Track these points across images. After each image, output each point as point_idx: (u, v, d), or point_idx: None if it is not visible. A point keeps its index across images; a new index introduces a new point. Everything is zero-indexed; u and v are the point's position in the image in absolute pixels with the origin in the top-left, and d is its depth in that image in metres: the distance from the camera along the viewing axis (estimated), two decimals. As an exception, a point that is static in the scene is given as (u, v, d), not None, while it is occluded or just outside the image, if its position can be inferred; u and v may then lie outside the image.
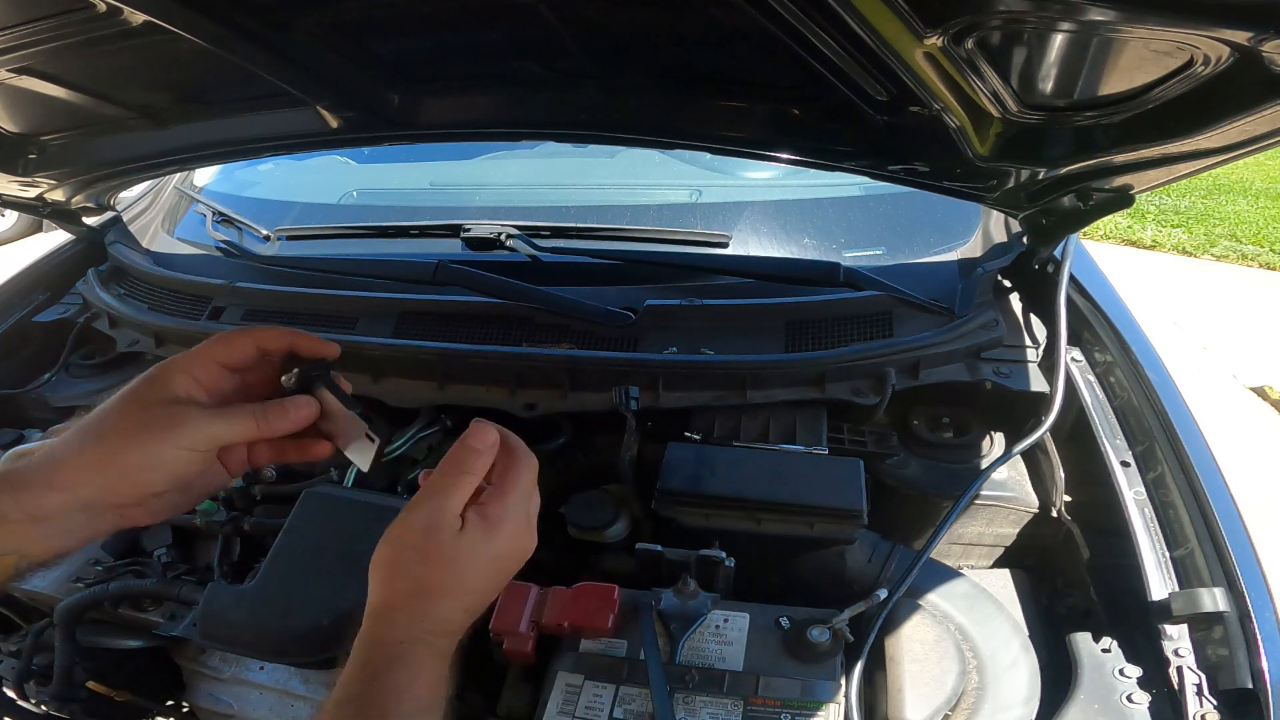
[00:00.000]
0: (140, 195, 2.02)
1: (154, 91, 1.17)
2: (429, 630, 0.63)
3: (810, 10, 0.74)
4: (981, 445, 1.27)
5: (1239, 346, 4.35)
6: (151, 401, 0.65)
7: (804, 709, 0.85)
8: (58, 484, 0.62)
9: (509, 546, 0.67)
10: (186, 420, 0.64)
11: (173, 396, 0.65)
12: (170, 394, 0.65)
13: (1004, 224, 1.51)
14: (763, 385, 1.22)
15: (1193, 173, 0.95)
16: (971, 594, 1.03)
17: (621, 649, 0.93)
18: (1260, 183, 8.41)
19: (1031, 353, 1.29)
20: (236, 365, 0.70)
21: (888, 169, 1.12)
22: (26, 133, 1.28)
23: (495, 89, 1.12)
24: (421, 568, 0.64)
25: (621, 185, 1.72)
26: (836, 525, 1.05)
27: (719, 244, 1.45)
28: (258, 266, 1.57)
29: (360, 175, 1.91)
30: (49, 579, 1.17)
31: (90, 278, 1.65)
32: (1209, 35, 0.65)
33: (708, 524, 1.07)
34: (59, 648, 1.10)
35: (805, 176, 1.59)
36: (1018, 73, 0.81)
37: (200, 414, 0.65)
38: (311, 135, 1.22)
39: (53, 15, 0.90)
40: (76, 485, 0.62)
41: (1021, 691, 0.91)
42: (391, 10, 0.94)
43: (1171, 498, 1.05)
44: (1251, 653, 0.84)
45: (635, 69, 1.02)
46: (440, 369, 1.30)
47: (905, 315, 1.30)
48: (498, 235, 1.42)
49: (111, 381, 1.53)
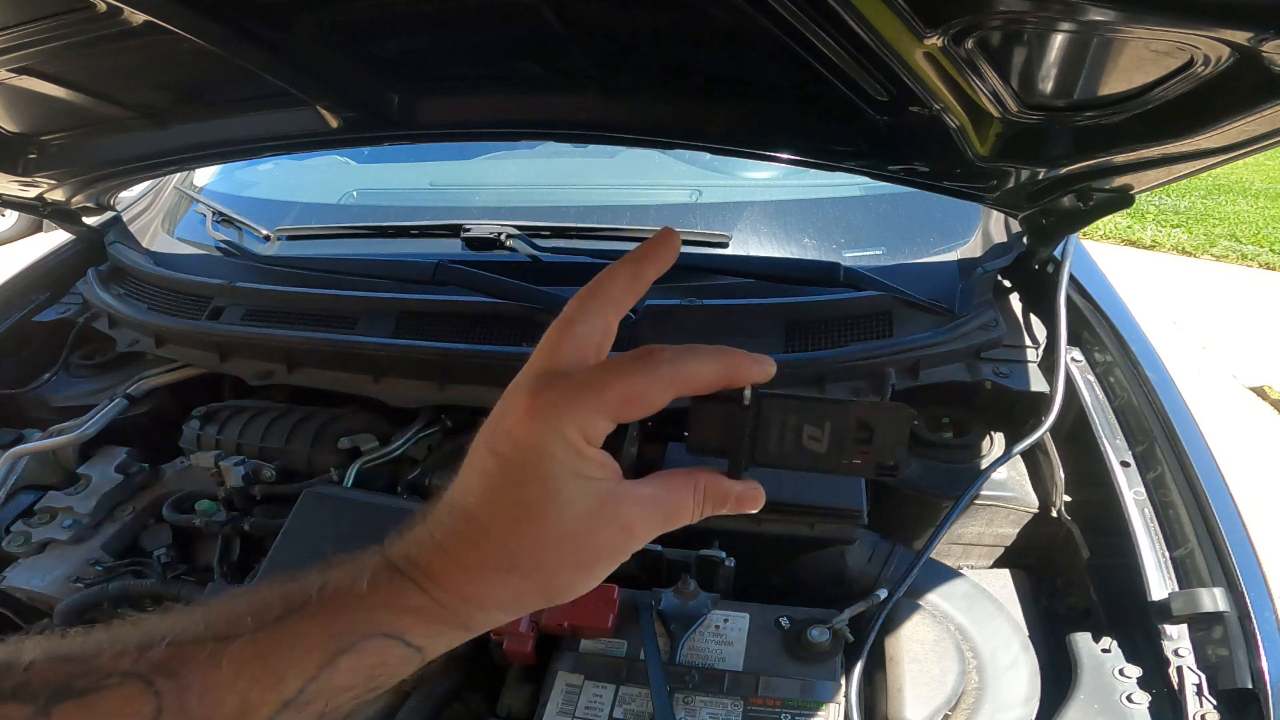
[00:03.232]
0: (140, 195, 2.02)
1: (154, 91, 1.17)
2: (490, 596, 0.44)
3: (810, 10, 0.74)
4: (981, 445, 1.27)
5: (1239, 346, 4.35)
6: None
7: (804, 709, 0.85)
8: None
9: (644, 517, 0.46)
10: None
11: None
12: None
13: (1004, 224, 1.51)
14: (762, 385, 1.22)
15: (1193, 173, 0.95)
16: (971, 594, 1.03)
17: (621, 649, 0.93)
18: (1260, 183, 8.42)
19: (1031, 353, 1.29)
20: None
21: (888, 169, 1.12)
22: (26, 133, 1.28)
23: (495, 89, 1.12)
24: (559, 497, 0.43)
25: (621, 185, 1.72)
26: (836, 525, 1.05)
27: (719, 244, 1.45)
28: (258, 266, 1.57)
29: (360, 175, 1.91)
30: (49, 579, 1.17)
31: (90, 278, 1.65)
32: (1209, 35, 0.66)
33: (708, 524, 1.07)
34: (59, 648, 1.09)
35: (805, 176, 1.59)
36: (1018, 73, 0.81)
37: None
38: (311, 135, 1.22)
39: (53, 15, 0.90)
40: None
41: (1021, 691, 0.91)
42: (391, 10, 0.94)
43: (1171, 498, 1.05)
44: (1251, 653, 0.84)
45: (635, 69, 1.02)
46: (440, 369, 1.30)
47: (905, 315, 1.30)
48: (498, 235, 1.42)
49: (111, 381, 1.53)
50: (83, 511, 1.26)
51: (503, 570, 0.43)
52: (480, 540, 0.43)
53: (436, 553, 0.43)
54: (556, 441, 0.42)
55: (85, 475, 1.33)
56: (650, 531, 0.46)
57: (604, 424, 0.44)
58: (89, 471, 1.33)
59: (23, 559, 1.21)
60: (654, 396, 0.44)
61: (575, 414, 0.42)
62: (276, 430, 1.34)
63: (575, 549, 0.44)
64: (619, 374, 0.44)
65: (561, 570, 0.44)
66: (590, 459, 0.43)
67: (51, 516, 1.26)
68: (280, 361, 1.39)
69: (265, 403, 1.44)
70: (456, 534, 0.43)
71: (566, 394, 0.43)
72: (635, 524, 0.45)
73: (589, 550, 0.44)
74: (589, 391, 0.43)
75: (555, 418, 0.42)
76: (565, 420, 0.42)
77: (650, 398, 0.44)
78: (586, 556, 0.44)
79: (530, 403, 0.43)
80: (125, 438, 1.41)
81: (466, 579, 0.43)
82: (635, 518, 0.45)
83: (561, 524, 0.43)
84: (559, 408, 0.42)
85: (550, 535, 0.42)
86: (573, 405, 0.43)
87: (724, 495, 0.52)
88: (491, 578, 0.43)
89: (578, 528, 0.43)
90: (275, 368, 1.38)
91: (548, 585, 0.44)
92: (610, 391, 0.43)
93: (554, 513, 0.42)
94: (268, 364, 1.39)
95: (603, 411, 0.43)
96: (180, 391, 1.51)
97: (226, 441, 1.34)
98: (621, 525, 0.45)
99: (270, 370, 1.38)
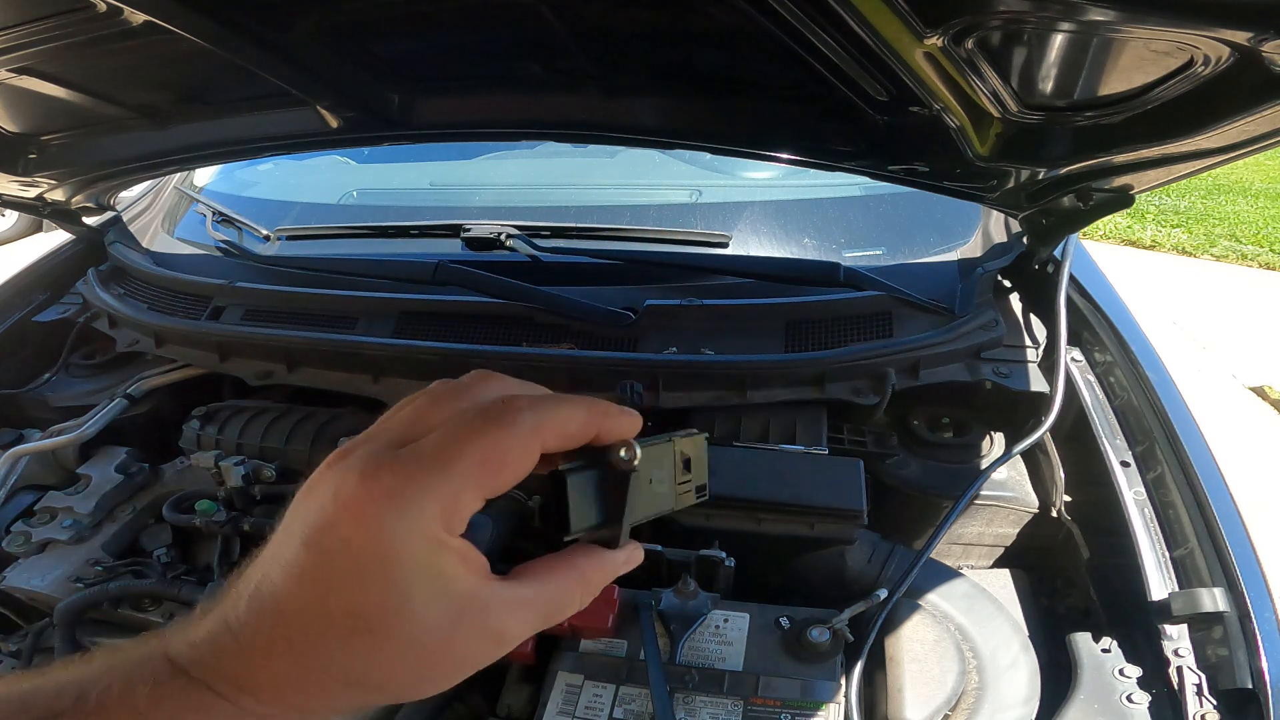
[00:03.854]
0: (140, 195, 2.02)
1: (154, 91, 1.17)
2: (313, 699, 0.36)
3: (810, 10, 0.74)
4: (981, 445, 1.27)
5: (1239, 346, 4.35)
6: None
7: (804, 709, 0.85)
8: None
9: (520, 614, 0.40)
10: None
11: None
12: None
13: (1004, 224, 1.51)
14: (763, 385, 1.22)
15: (1193, 173, 0.95)
16: (971, 594, 1.03)
17: (621, 649, 0.93)
18: (1260, 183, 8.42)
19: (1031, 353, 1.29)
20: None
21: (888, 169, 1.12)
22: (26, 133, 1.28)
23: (495, 89, 1.12)
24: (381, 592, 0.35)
25: (621, 185, 1.72)
26: (836, 525, 1.05)
27: (719, 244, 1.45)
28: (258, 266, 1.57)
29: (360, 175, 1.91)
30: (49, 579, 1.17)
31: (90, 278, 1.65)
32: (1209, 35, 0.66)
33: (708, 524, 1.07)
34: (59, 648, 1.09)
35: (805, 176, 1.59)
36: (1018, 73, 0.81)
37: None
38: (311, 135, 1.22)
39: (53, 15, 0.90)
40: None
41: (1021, 691, 0.91)
42: (392, 10, 0.94)
43: (1171, 498, 1.05)
44: (1251, 653, 0.84)
45: (635, 69, 1.02)
46: (440, 369, 1.30)
47: (905, 315, 1.30)
48: (498, 235, 1.42)
49: (111, 381, 1.53)
50: (83, 511, 1.26)
51: (338, 684, 0.35)
52: (305, 650, 0.35)
53: (242, 655, 0.35)
54: (401, 538, 0.34)
55: (85, 475, 1.32)
56: (526, 634, 0.40)
57: (468, 502, 0.36)
58: (89, 471, 1.33)
59: (23, 559, 1.21)
60: (519, 456, 0.37)
61: (424, 500, 0.35)
62: (276, 430, 1.34)
63: (431, 663, 0.36)
64: (472, 435, 0.36)
65: (414, 683, 0.37)
66: (448, 555, 0.36)
67: (51, 516, 1.26)
68: (280, 361, 1.39)
69: (265, 403, 1.44)
70: (272, 639, 0.35)
71: (411, 474, 0.35)
72: (507, 629, 0.38)
73: (449, 662, 0.37)
74: (437, 466, 0.35)
75: (399, 507, 0.34)
76: (412, 508, 0.34)
77: (515, 459, 0.37)
78: (446, 669, 0.37)
79: (363, 488, 0.34)
80: (125, 438, 1.41)
81: (292, 690, 0.35)
82: (507, 624, 0.38)
83: (412, 637, 0.35)
84: (403, 494, 0.34)
85: (396, 650, 0.35)
86: (420, 489, 0.35)
87: (611, 573, 0.45)
88: (325, 690, 0.36)
89: (433, 639, 0.36)
90: (275, 368, 1.38)
91: (398, 694, 0.38)
92: (464, 460, 0.35)
93: (401, 624, 0.35)
94: (268, 364, 1.39)
95: (461, 487, 0.35)
96: (180, 391, 1.51)
97: (226, 441, 1.34)
98: (490, 633, 0.38)
99: (270, 370, 1.38)
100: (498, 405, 0.38)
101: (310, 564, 0.35)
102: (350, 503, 0.34)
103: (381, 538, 0.34)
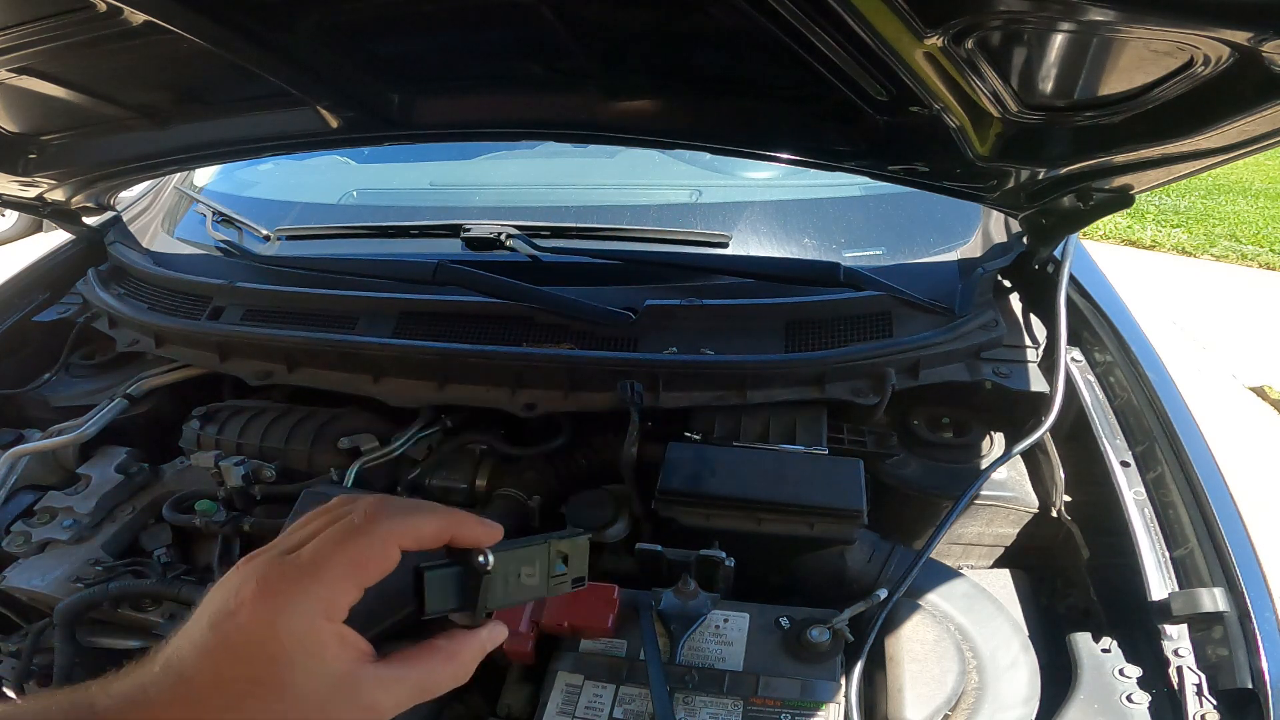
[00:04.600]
0: (140, 195, 2.02)
1: (154, 91, 1.17)
2: None
3: (810, 10, 0.74)
4: (981, 445, 1.27)
5: (1239, 346, 4.35)
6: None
7: (804, 709, 0.85)
8: None
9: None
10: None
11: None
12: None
13: (1004, 224, 1.51)
14: (763, 385, 1.22)
15: (1193, 173, 0.95)
16: (971, 594, 1.03)
17: (621, 649, 0.93)
18: (1260, 183, 8.42)
19: (1031, 353, 1.29)
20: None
21: (888, 169, 1.12)
22: (26, 133, 1.29)
23: (495, 89, 1.12)
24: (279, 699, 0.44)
25: (621, 185, 1.72)
26: (836, 525, 1.05)
27: (719, 244, 1.45)
28: (258, 266, 1.57)
29: (360, 175, 1.91)
30: (49, 579, 1.17)
31: (90, 278, 1.65)
32: (1209, 35, 0.66)
33: (708, 524, 1.07)
34: (59, 648, 1.09)
35: (805, 176, 1.59)
36: (1018, 73, 0.81)
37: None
38: (311, 135, 1.23)
39: (53, 15, 0.90)
40: None
41: (1021, 691, 0.91)
42: (392, 11, 0.94)
43: (1171, 498, 1.05)
44: (1251, 653, 0.84)
45: (635, 69, 1.02)
46: (440, 369, 1.30)
47: (905, 315, 1.30)
48: (498, 235, 1.42)
49: (111, 381, 1.53)
50: (83, 511, 1.26)
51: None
52: (201, 708, 0.43)
53: (149, 708, 0.43)
54: (285, 625, 0.44)
55: (85, 475, 1.33)
56: (399, 708, 0.48)
57: (343, 595, 0.46)
58: (89, 471, 1.33)
59: (23, 559, 1.21)
60: (379, 558, 0.47)
61: (305, 596, 0.44)
62: (276, 430, 1.34)
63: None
64: (340, 545, 0.46)
65: None
66: (327, 640, 0.45)
67: (51, 516, 1.26)
68: (280, 361, 1.39)
69: (265, 403, 1.44)
70: (175, 696, 0.43)
71: (294, 577, 0.45)
72: (381, 704, 0.47)
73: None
74: (313, 570, 0.45)
75: (285, 602, 0.44)
76: (295, 603, 0.44)
77: (379, 559, 0.47)
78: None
79: (258, 587, 0.44)
80: (125, 438, 1.41)
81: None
82: (380, 699, 0.47)
83: (293, 703, 0.44)
84: (288, 593, 0.44)
85: (279, 714, 0.44)
86: (301, 588, 0.44)
87: (478, 649, 0.54)
88: None
89: (311, 708, 0.44)
90: (275, 368, 1.38)
91: None
92: (335, 564, 0.46)
93: (283, 692, 0.44)
94: (268, 364, 1.39)
95: (334, 585, 0.45)
96: (180, 391, 1.51)
97: (226, 441, 1.34)
98: (363, 706, 0.46)
99: (270, 370, 1.38)
100: (361, 519, 0.48)
101: (213, 642, 0.44)
102: (247, 598, 0.44)
103: (270, 625, 0.43)
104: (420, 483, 1.25)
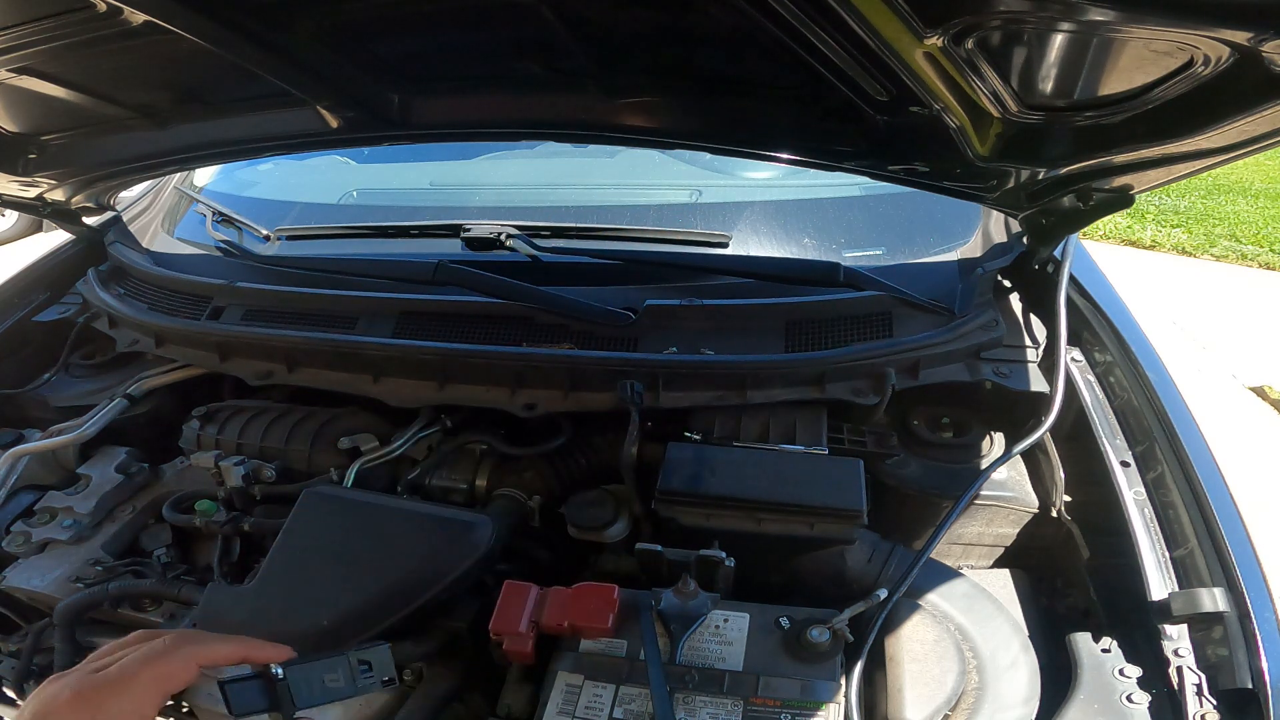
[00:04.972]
0: (140, 195, 2.02)
1: (154, 91, 1.17)
2: None
3: (810, 10, 0.74)
4: (981, 445, 1.27)
5: (1239, 346, 4.35)
6: None
7: (804, 709, 0.85)
8: None
9: None
10: None
11: None
12: None
13: (1004, 224, 1.51)
14: (763, 385, 1.22)
15: (1193, 173, 0.95)
16: (971, 594, 1.03)
17: (621, 649, 0.93)
18: (1260, 183, 8.42)
19: (1031, 353, 1.29)
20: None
21: (888, 169, 1.12)
22: (26, 133, 1.29)
23: (495, 89, 1.12)
24: None
25: (621, 185, 1.72)
26: (836, 525, 1.05)
27: (719, 244, 1.45)
28: (258, 266, 1.57)
29: (360, 175, 1.91)
30: (49, 579, 1.17)
31: (90, 278, 1.65)
32: (1209, 35, 0.66)
33: (708, 524, 1.07)
34: (59, 648, 1.10)
35: (805, 176, 1.59)
36: (1018, 73, 0.81)
37: None
38: (311, 135, 1.23)
39: (53, 15, 0.90)
40: None
41: (1021, 691, 0.91)
42: (392, 11, 0.94)
43: (1171, 498, 1.05)
44: (1251, 653, 0.84)
45: (635, 69, 1.02)
46: (440, 369, 1.30)
47: (905, 315, 1.30)
48: (498, 235, 1.42)
49: (111, 381, 1.53)
50: (83, 511, 1.26)
51: None
52: None
53: None
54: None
55: (85, 475, 1.33)
56: None
57: (150, 705, 0.57)
58: (89, 471, 1.33)
59: (23, 559, 1.21)
60: (180, 674, 0.60)
61: (116, 703, 0.55)
62: (276, 430, 1.34)
63: None
64: (146, 662, 0.58)
65: None
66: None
67: (51, 516, 1.27)
68: (280, 361, 1.39)
69: (265, 403, 1.44)
70: None
71: (102, 689, 0.55)
72: None
73: None
74: (121, 683, 0.56)
75: (97, 710, 0.54)
76: (106, 709, 0.55)
77: (180, 673, 0.60)
78: None
79: (73, 697, 0.54)
80: (125, 438, 1.42)
81: None
82: None
83: None
84: (96, 701, 0.54)
85: None
86: (114, 696, 0.55)
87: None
88: None
89: None
90: (275, 368, 1.38)
91: None
92: (140, 679, 0.57)
93: None
94: (268, 364, 1.39)
95: (139, 697, 0.56)
96: (180, 391, 1.51)
97: (226, 441, 1.34)
98: None
99: (270, 370, 1.38)
100: (167, 643, 0.60)
101: None
102: (60, 706, 0.54)
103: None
104: (420, 483, 1.25)
